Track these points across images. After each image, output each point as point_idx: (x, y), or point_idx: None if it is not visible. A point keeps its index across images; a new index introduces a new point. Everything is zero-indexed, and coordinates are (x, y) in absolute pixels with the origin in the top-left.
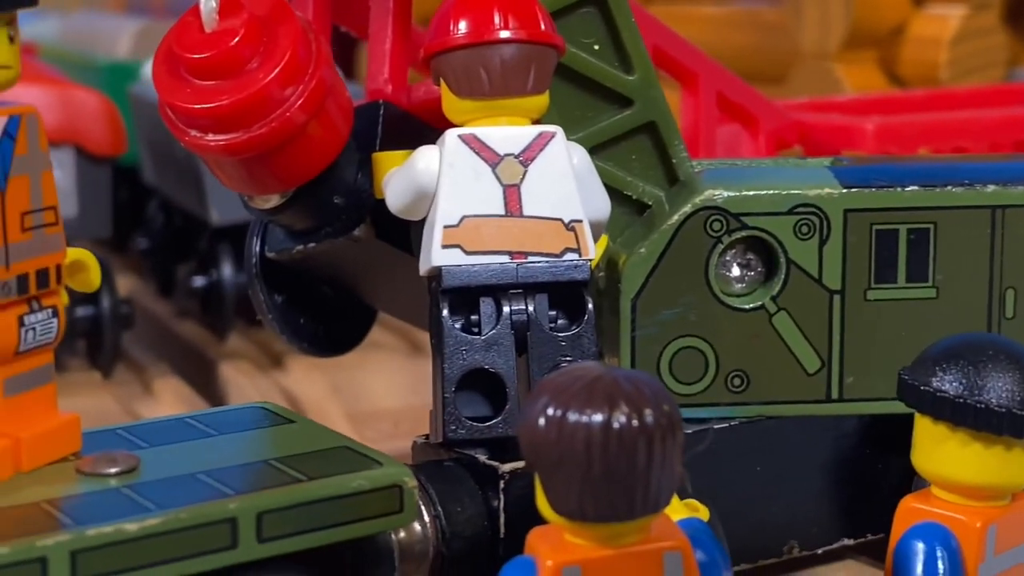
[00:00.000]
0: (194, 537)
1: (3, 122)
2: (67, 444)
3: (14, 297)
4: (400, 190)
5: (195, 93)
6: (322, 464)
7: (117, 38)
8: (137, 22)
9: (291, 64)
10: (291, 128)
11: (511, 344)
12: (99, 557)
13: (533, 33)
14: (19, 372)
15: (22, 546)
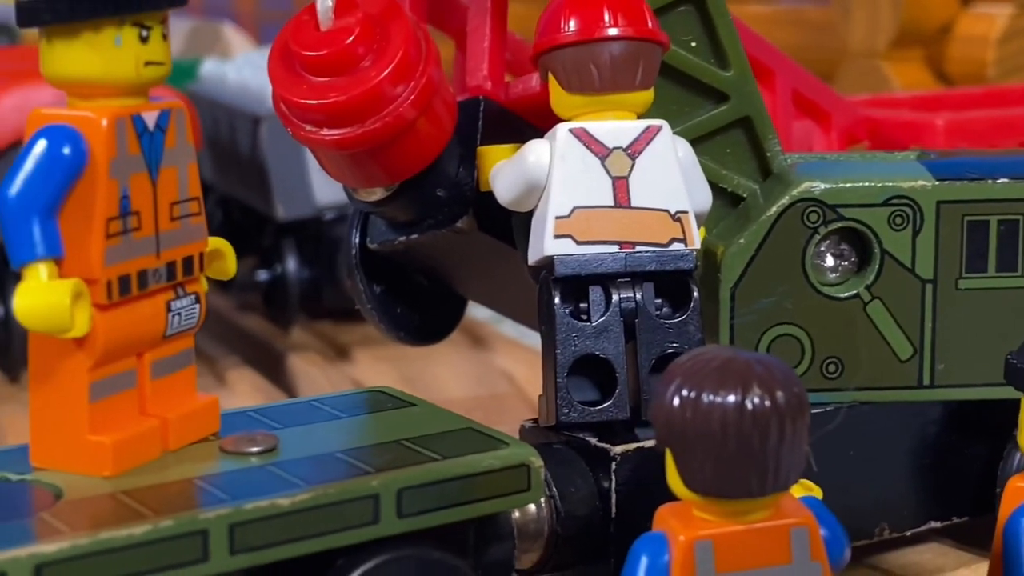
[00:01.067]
0: (340, 512)
1: (155, 116)
2: (207, 425)
3: (163, 284)
4: (511, 183)
5: (310, 89)
6: (452, 444)
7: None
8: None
9: (403, 63)
10: (402, 124)
11: (620, 331)
12: (255, 530)
13: (641, 30)
14: (165, 356)
15: (185, 519)
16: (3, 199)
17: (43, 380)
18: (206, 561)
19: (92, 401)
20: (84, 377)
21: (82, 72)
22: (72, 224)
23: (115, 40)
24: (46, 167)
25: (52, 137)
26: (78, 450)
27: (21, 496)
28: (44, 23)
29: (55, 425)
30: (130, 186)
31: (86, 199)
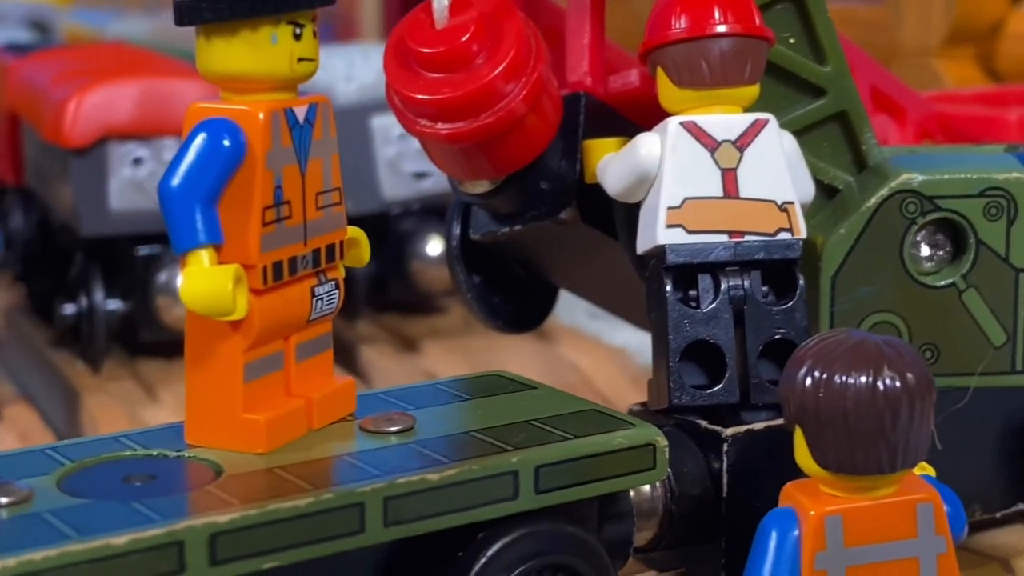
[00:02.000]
0: (483, 487)
1: (304, 110)
2: (346, 405)
3: (309, 270)
4: (621, 174)
5: (425, 85)
6: (580, 424)
7: None
8: None
9: (515, 61)
10: (512, 119)
11: (729, 318)
12: (407, 503)
13: (749, 27)
14: (308, 339)
15: (343, 492)
16: (166, 189)
17: (199, 362)
18: (363, 532)
19: (246, 381)
20: (239, 358)
21: (239, 68)
22: (231, 213)
23: (271, 38)
24: (207, 158)
25: (212, 130)
26: (233, 428)
27: (182, 471)
28: (205, 21)
29: (210, 404)
30: (283, 177)
31: (244, 189)
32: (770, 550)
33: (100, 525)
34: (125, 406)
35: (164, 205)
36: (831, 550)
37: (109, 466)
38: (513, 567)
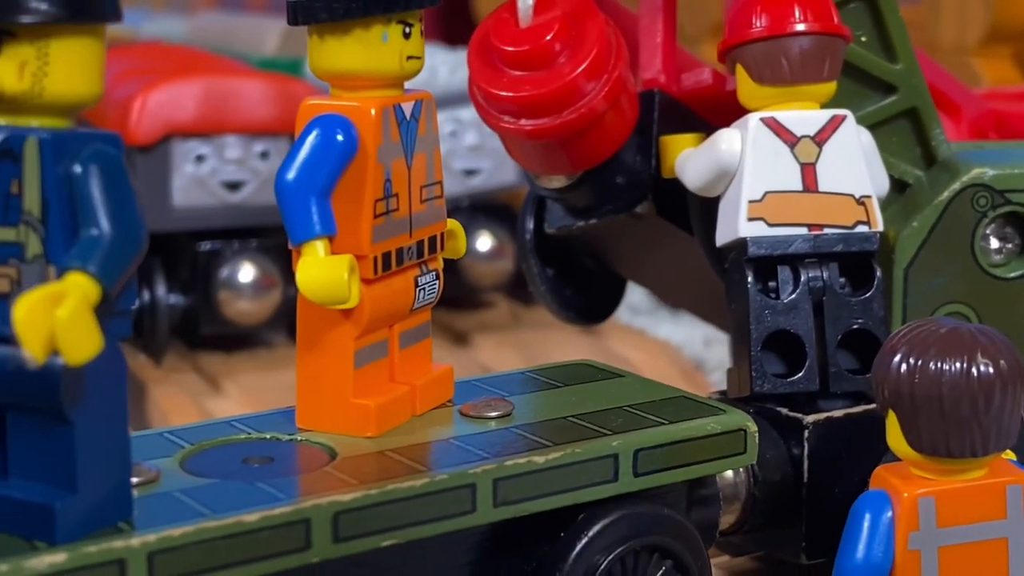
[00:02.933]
0: (585, 470)
1: (411, 106)
2: (445, 392)
3: (414, 260)
4: (702, 169)
5: (509, 82)
6: (672, 410)
7: (263, 36)
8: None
9: (597, 59)
10: (593, 117)
11: (809, 308)
12: (515, 485)
13: (828, 25)
14: (410, 327)
15: (456, 473)
16: (283, 182)
17: (311, 349)
18: (474, 512)
19: (356, 368)
20: (350, 346)
21: (351, 66)
22: (344, 205)
23: (383, 36)
24: (321, 152)
25: (326, 125)
26: (343, 413)
27: (298, 454)
28: (320, 20)
29: (321, 390)
30: (392, 170)
31: (356, 182)
32: (864, 530)
33: (230, 504)
34: (191, 397)
35: (280, 198)
36: (924, 530)
37: (227, 448)
38: (613, 547)
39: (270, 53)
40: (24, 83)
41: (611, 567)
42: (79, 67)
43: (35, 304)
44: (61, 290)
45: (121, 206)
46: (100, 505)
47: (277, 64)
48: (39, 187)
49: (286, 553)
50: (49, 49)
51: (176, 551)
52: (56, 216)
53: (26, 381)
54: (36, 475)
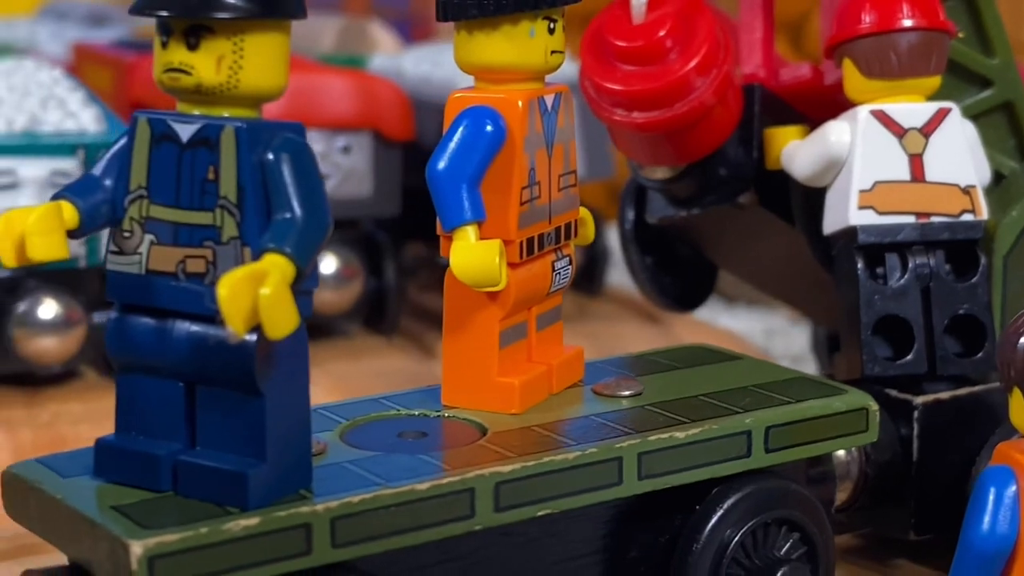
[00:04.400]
0: (720, 446)
1: (552, 99)
2: (577, 372)
3: (552, 246)
4: (811, 160)
5: (621, 76)
6: (796, 390)
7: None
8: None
9: (707, 55)
10: (702, 111)
11: (917, 294)
12: (657, 459)
13: (935, 21)
14: (546, 310)
15: (604, 447)
16: (434, 171)
17: (457, 330)
18: (620, 484)
19: (501, 348)
20: (496, 327)
21: (499, 60)
22: (492, 193)
23: (530, 32)
24: (471, 142)
25: (476, 116)
26: (488, 391)
27: (449, 429)
28: (471, 17)
29: (467, 369)
30: (535, 160)
31: (504, 171)
32: (989, 503)
33: (399, 474)
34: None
35: (432, 185)
36: None
37: (381, 424)
38: (746, 520)
39: (327, 50)
40: (221, 76)
41: (743, 539)
42: (270, 61)
43: (238, 282)
44: (262, 269)
45: (310, 191)
46: (284, 473)
47: (337, 61)
48: (235, 174)
49: (452, 521)
50: (244, 44)
51: (355, 517)
52: (251, 201)
53: (221, 357)
54: (226, 445)
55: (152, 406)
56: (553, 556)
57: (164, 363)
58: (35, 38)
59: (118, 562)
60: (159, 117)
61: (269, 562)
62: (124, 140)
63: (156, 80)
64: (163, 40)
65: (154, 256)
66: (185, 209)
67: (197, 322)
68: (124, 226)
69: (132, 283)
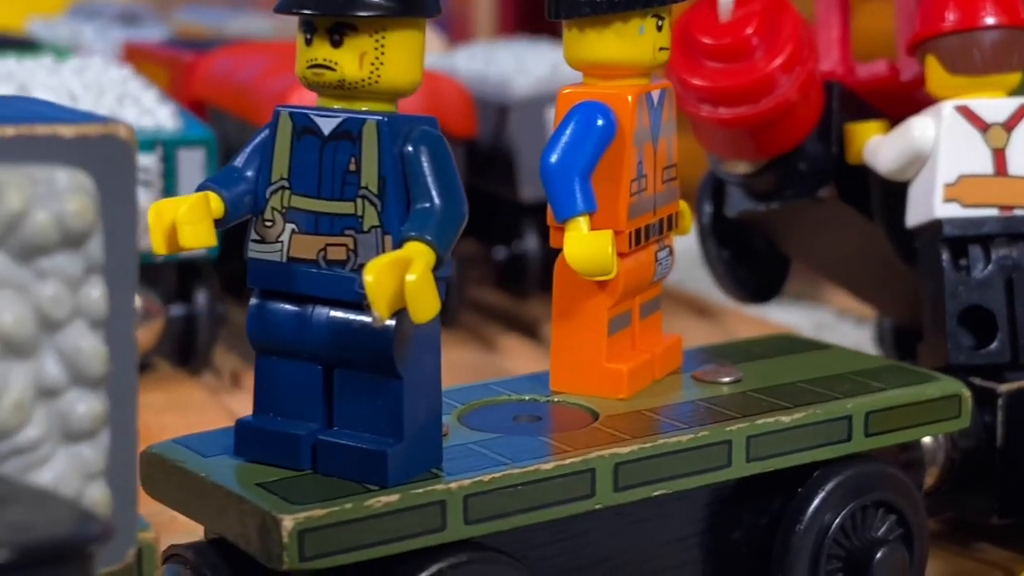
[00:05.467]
0: (823, 430)
1: (658, 94)
2: (676, 360)
3: (656, 237)
4: (895, 154)
5: (708, 73)
6: (890, 377)
7: None
8: None
9: (792, 53)
10: (786, 107)
11: (1000, 285)
12: (764, 442)
13: (1016, 19)
14: (648, 299)
15: (715, 430)
16: (547, 164)
17: (566, 317)
18: (729, 466)
19: (609, 335)
20: (605, 314)
21: (609, 56)
22: (603, 185)
23: (639, 29)
24: (583, 136)
25: (587, 111)
26: (597, 376)
27: (561, 413)
28: (583, 15)
29: (576, 356)
30: (643, 153)
31: (615, 163)
32: None
33: (523, 454)
34: None
35: (545, 178)
36: None
37: (495, 408)
38: (846, 502)
39: None
40: (363, 71)
41: (843, 522)
42: (408, 57)
43: (383, 268)
44: (407, 257)
45: (448, 181)
46: (418, 452)
47: None
48: (377, 165)
49: (574, 500)
50: (385, 41)
51: (486, 495)
52: (392, 191)
53: (361, 341)
54: (363, 425)
55: (290, 388)
56: (661, 537)
57: (303, 347)
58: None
59: (268, 536)
60: (301, 111)
61: (406, 537)
62: (265, 133)
63: (299, 75)
64: (307, 37)
65: (295, 244)
66: (326, 199)
67: (337, 307)
68: (265, 216)
69: (273, 270)
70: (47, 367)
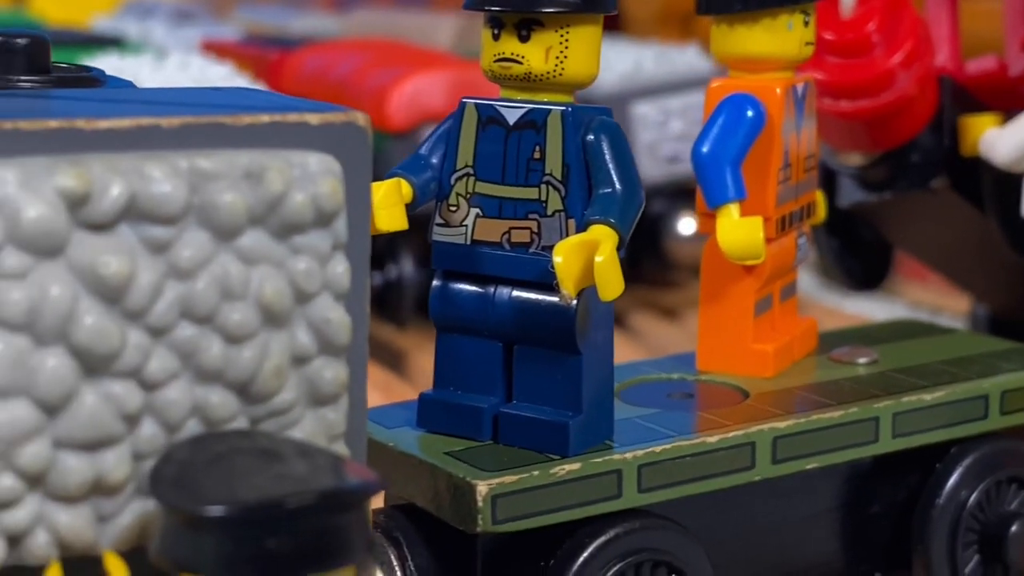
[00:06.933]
0: (962, 408)
1: (801, 87)
2: (812, 342)
3: (797, 224)
4: (1013, 146)
5: (830, 67)
6: (1018, 359)
7: (435, 32)
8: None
9: (911, 50)
10: (904, 101)
11: None
12: (907, 419)
13: None
14: (787, 283)
15: (864, 407)
16: (699, 153)
17: (714, 301)
18: (876, 442)
19: (755, 317)
20: (752, 297)
21: (757, 51)
22: (752, 173)
23: (788, 25)
24: (733, 127)
25: (738, 103)
26: (744, 356)
27: (710, 391)
28: (735, 11)
29: (723, 337)
30: (789, 143)
31: (764, 153)
32: None
33: (687, 428)
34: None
35: (697, 167)
36: None
37: (648, 386)
38: (982, 478)
39: (445, 48)
40: (548, 65)
41: (979, 496)
42: (589, 50)
43: (572, 249)
44: (593, 239)
45: (626, 168)
46: (594, 425)
47: None
48: (561, 153)
49: (735, 471)
50: (569, 35)
51: (657, 465)
52: (575, 177)
53: (543, 319)
54: (543, 399)
55: (471, 364)
56: (805, 509)
57: (485, 324)
58: (149, 35)
59: (462, 501)
60: (487, 103)
61: (585, 504)
62: (449, 123)
63: (485, 69)
64: (495, 33)
65: (479, 228)
66: (511, 185)
67: (520, 287)
68: (450, 201)
69: (457, 252)
70: (299, 336)
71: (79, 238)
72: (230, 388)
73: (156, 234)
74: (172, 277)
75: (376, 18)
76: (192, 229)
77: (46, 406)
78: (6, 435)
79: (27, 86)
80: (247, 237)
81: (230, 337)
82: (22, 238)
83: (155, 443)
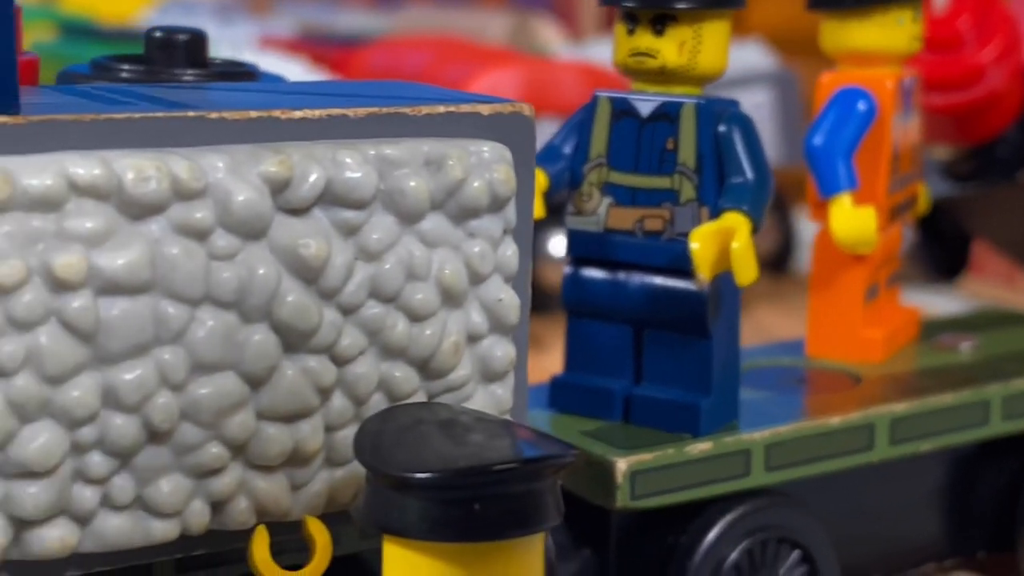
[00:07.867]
0: None
1: (909, 81)
2: (914, 328)
3: (903, 214)
4: None
5: (921, 62)
6: None
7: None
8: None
9: (1002, 45)
10: (995, 96)
11: None
12: (1014, 404)
13: None
14: (892, 271)
15: (974, 391)
16: (811, 145)
17: (824, 288)
18: (987, 425)
19: (865, 303)
20: (862, 285)
21: (868, 45)
22: (864, 164)
23: (899, 20)
24: (845, 119)
25: (849, 96)
26: (853, 342)
27: (822, 376)
28: (846, 7)
29: (833, 324)
30: (898, 135)
31: (875, 145)
32: None
33: (806, 411)
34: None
35: (810, 158)
36: None
37: (762, 371)
38: None
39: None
40: (682, 58)
41: None
42: (720, 45)
43: (708, 236)
44: (729, 227)
45: (757, 158)
46: (721, 406)
47: None
48: (695, 144)
49: (855, 452)
50: (702, 30)
51: (782, 445)
52: (708, 167)
53: (675, 304)
54: (672, 381)
55: (602, 347)
56: (913, 491)
57: (617, 309)
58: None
59: (601, 477)
60: (620, 96)
61: (716, 481)
62: (581, 115)
63: (619, 63)
64: (630, 28)
65: (612, 216)
66: (644, 175)
67: (652, 273)
68: (583, 190)
69: (590, 239)
70: (472, 315)
71: (279, 221)
72: (412, 364)
73: (347, 218)
74: (361, 259)
75: (428, 15)
76: (379, 213)
77: (251, 379)
78: (215, 406)
79: (190, 79)
80: (428, 221)
81: (413, 316)
82: (231, 221)
83: (345, 415)
